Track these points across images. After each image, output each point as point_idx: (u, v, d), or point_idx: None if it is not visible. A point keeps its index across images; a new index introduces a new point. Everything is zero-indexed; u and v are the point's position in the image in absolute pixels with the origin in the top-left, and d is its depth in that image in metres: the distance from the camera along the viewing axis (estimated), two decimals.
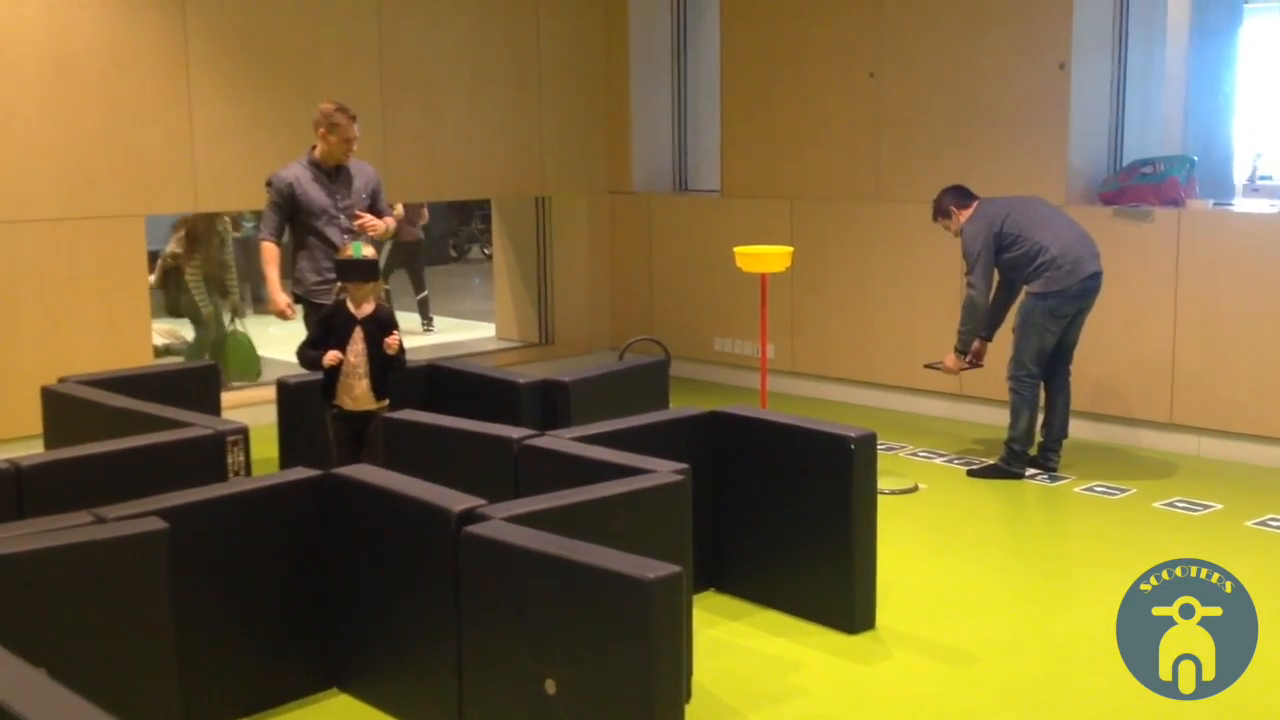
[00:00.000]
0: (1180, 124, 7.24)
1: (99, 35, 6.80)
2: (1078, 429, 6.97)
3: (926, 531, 5.57)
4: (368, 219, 5.81)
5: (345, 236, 5.76)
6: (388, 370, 5.09)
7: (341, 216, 5.87)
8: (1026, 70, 7.06)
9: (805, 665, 4.17)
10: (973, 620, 4.57)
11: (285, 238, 5.98)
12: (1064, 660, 4.21)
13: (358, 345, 5.04)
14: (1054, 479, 6.21)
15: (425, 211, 11.24)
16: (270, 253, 5.89)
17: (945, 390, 7.42)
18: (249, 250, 12.22)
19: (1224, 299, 6.49)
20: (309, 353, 5.11)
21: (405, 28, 7.99)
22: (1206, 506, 5.79)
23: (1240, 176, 8.17)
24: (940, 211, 6.38)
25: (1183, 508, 5.78)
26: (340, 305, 5.10)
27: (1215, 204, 6.81)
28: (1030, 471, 6.27)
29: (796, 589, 4.52)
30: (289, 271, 6.01)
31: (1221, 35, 7.49)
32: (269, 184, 5.85)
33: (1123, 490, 6.04)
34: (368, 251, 5.09)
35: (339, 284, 5.18)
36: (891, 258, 7.65)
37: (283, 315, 5.86)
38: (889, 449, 6.76)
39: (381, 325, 5.07)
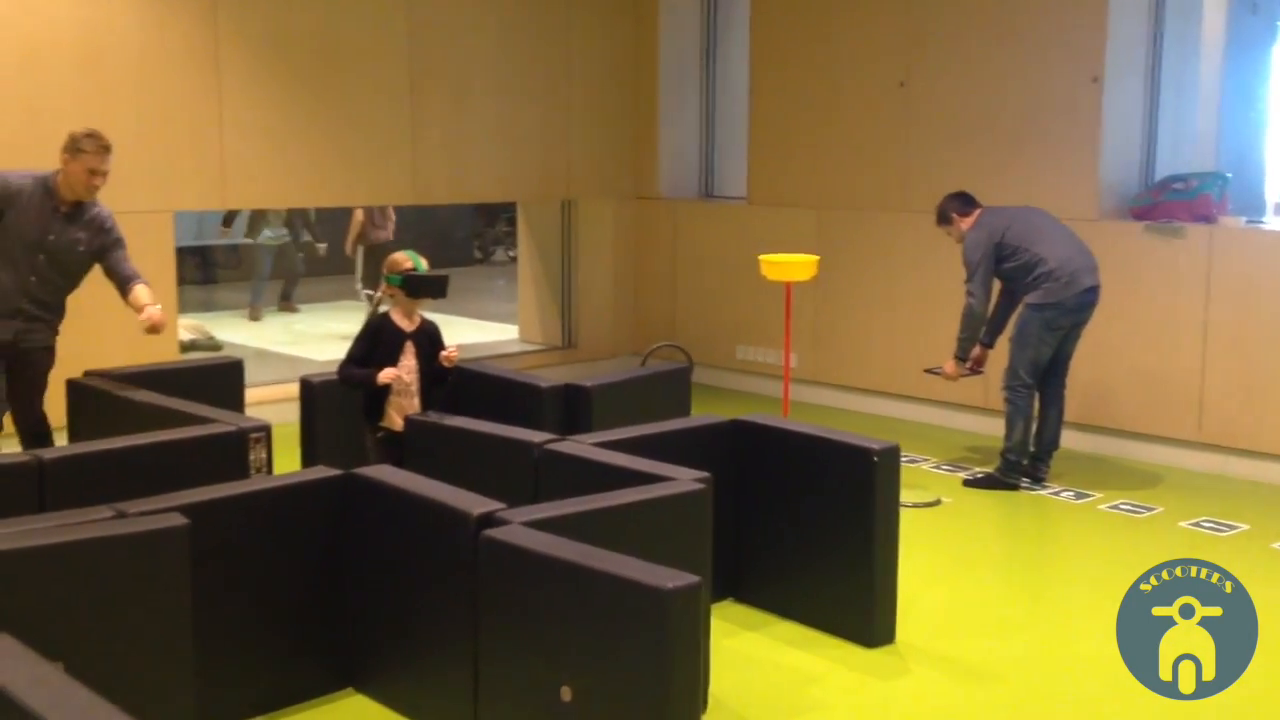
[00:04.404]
0: (1213, 140, 7.17)
1: (130, 33, 6.83)
2: (1103, 446, 6.93)
3: (948, 546, 5.52)
4: None
5: (32, 279, 5.12)
6: (434, 386, 4.90)
7: (41, 257, 5.11)
8: (1059, 83, 7.02)
9: (823, 679, 4.14)
10: (994, 637, 4.53)
11: None
12: (1087, 680, 4.16)
13: (409, 361, 4.81)
14: (1080, 496, 6.16)
15: (391, 212, 11.22)
16: None
17: (970, 403, 7.37)
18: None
19: (1255, 317, 6.42)
20: (356, 370, 4.79)
21: (435, 30, 8.00)
22: (1233, 527, 5.73)
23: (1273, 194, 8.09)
24: (942, 218, 6.44)
25: (1209, 528, 5.72)
26: (386, 319, 4.85)
27: (1248, 221, 6.74)
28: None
29: (816, 601, 4.49)
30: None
31: (1256, 51, 7.42)
32: None
33: (1149, 509, 5.98)
34: (425, 263, 4.85)
35: (406, 297, 4.81)
36: (917, 269, 7.60)
37: None
38: (912, 461, 6.72)
39: (431, 339, 4.88)
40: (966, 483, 6.34)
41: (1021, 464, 6.25)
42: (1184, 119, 7.19)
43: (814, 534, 4.45)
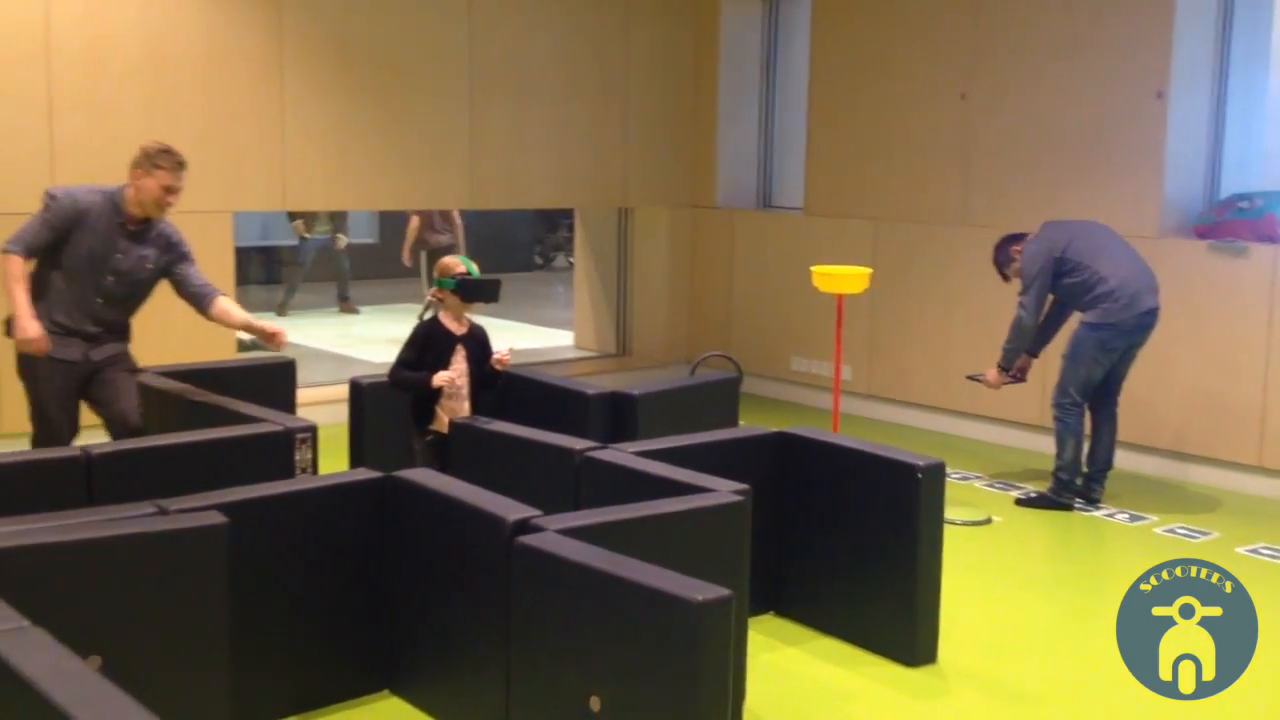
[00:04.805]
0: None
1: (196, 35, 6.94)
2: (1160, 468, 6.81)
3: (997, 565, 5.45)
4: None
5: (99, 301, 4.91)
6: (483, 390, 4.89)
7: (110, 278, 4.89)
8: (1123, 98, 6.91)
9: (862, 696, 4.09)
10: (1039, 659, 4.45)
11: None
12: (1131, 705, 4.06)
13: (460, 364, 4.80)
14: (1135, 519, 6.05)
15: (457, 217, 11.33)
16: (18, 268, 4.75)
17: (1026, 421, 7.27)
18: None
19: None
20: (409, 373, 4.76)
21: (495, 37, 8.05)
22: None
23: None
24: (1004, 261, 6.32)
25: (1267, 555, 5.58)
26: (435, 323, 4.84)
27: None
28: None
29: (857, 617, 4.44)
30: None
31: None
32: (52, 196, 4.91)
33: (1205, 534, 5.86)
34: (475, 267, 4.83)
35: (460, 302, 4.79)
36: (975, 283, 7.50)
37: (37, 348, 4.74)
38: (964, 478, 6.64)
39: (480, 343, 4.87)
40: (1019, 502, 6.25)
41: (1075, 484, 6.15)
42: (1251, 136, 7.04)
43: (857, 550, 4.41)
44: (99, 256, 4.86)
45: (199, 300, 5.05)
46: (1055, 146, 7.21)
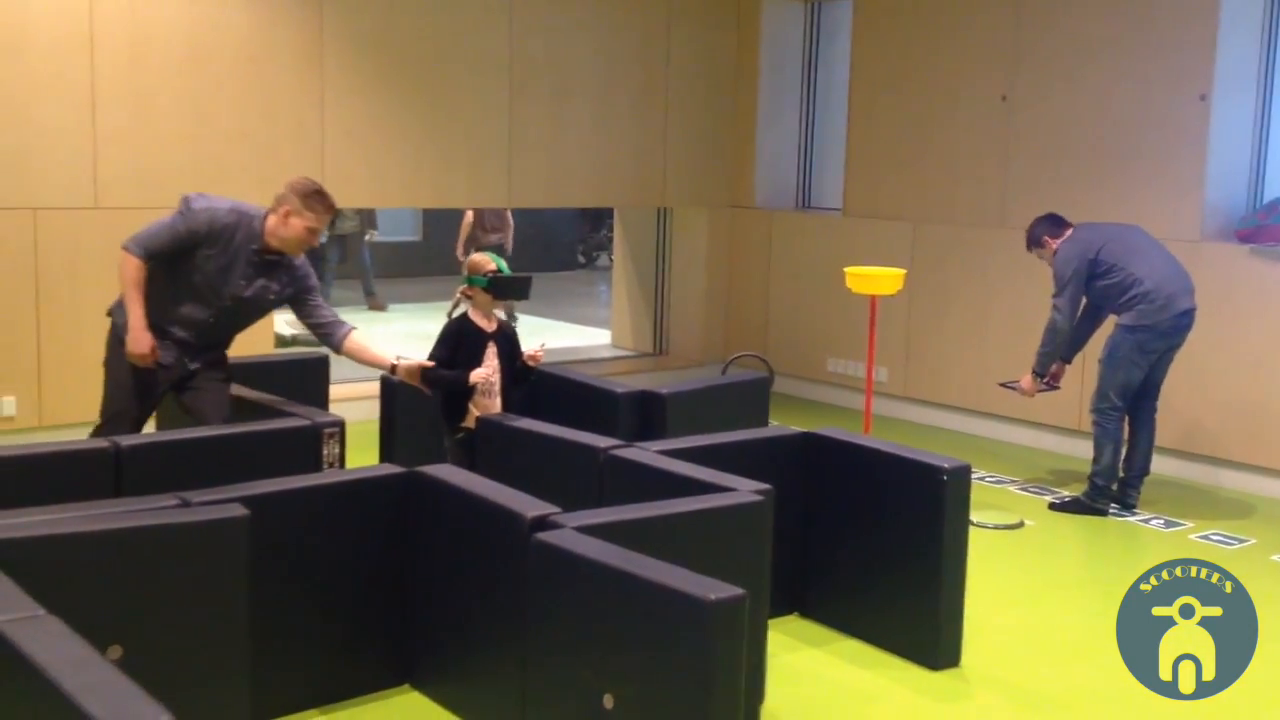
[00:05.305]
0: None
1: (237, 31, 7.01)
2: (1195, 473, 6.72)
3: (1028, 570, 5.40)
4: None
5: (213, 322, 4.76)
6: (513, 386, 4.91)
7: (228, 302, 4.73)
8: (1165, 100, 6.82)
9: (883, 699, 4.07)
10: (1064, 666, 4.41)
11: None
12: (1156, 714, 4.02)
13: (493, 361, 4.82)
14: (1170, 524, 5.98)
15: (510, 217, 11.40)
16: (137, 271, 4.59)
17: (1062, 425, 7.20)
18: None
19: None
20: (444, 372, 4.77)
21: (536, 35, 8.07)
22: None
23: None
24: (1033, 241, 6.26)
25: None
26: (466, 321, 4.86)
27: None
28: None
29: (881, 620, 4.42)
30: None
31: None
32: (189, 207, 4.70)
33: (1240, 540, 5.78)
34: (504, 263, 4.87)
35: (492, 299, 4.85)
36: (1013, 286, 7.45)
37: (146, 362, 4.62)
38: (997, 481, 6.58)
39: (510, 339, 4.90)
40: (1052, 506, 6.20)
41: (1110, 489, 6.09)
42: None
43: (881, 552, 4.38)
44: (221, 279, 4.70)
45: (328, 334, 4.89)
46: (1096, 149, 7.13)
